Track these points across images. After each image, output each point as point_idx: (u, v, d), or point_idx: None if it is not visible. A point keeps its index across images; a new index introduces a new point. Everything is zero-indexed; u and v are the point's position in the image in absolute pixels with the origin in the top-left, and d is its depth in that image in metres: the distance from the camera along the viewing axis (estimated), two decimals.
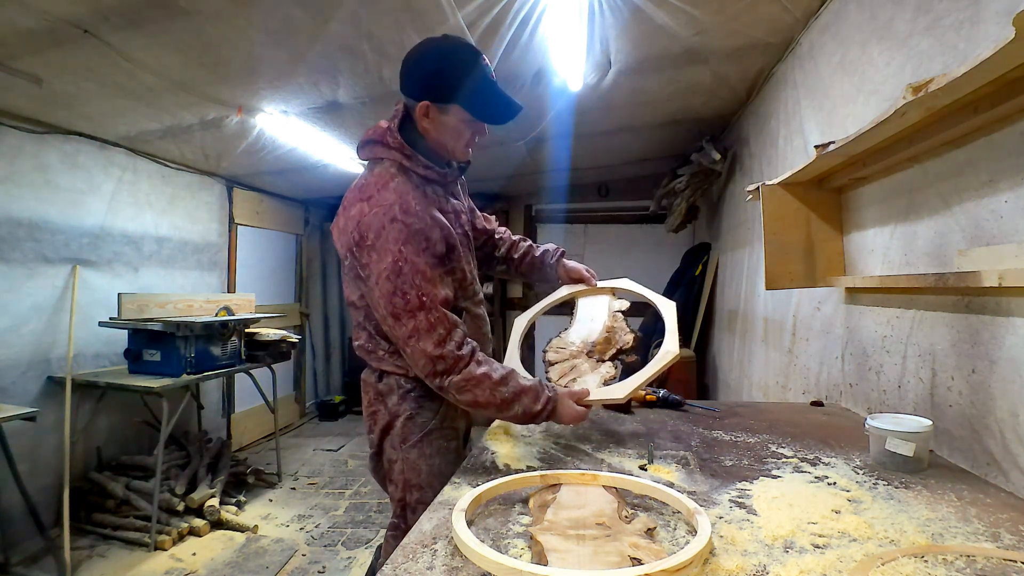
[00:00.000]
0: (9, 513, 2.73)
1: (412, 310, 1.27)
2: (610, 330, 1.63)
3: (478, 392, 1.30)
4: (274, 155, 3.65)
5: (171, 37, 2.15)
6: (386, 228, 1.27)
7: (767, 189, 1.90)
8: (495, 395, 1.31)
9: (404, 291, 1.27)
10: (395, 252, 1.26)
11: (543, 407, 1.35)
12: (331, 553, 2.95)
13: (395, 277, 1.26)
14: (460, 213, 1.52)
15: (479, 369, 1.31)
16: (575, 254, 6.08)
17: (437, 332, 1.28)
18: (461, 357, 1.30)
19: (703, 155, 3.81)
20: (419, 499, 1.41)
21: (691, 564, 0.78)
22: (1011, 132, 1.17)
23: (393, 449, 1.45)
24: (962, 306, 1.32)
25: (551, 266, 1.84)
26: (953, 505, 1.06)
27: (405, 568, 0.82)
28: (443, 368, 1.29)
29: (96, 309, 3.25)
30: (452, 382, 1.30)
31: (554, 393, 1.38)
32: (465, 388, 1.30)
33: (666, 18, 2.21)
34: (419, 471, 1.43)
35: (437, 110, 1.35)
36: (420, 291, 1.27)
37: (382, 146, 1.39)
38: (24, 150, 2.88)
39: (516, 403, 1.32)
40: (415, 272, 1.27)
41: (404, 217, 1.28)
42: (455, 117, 1.36)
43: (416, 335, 1.28)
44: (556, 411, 1.37)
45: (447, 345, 1.29)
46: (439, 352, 1.28)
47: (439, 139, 1.40)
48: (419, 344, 1.28)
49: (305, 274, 5.65)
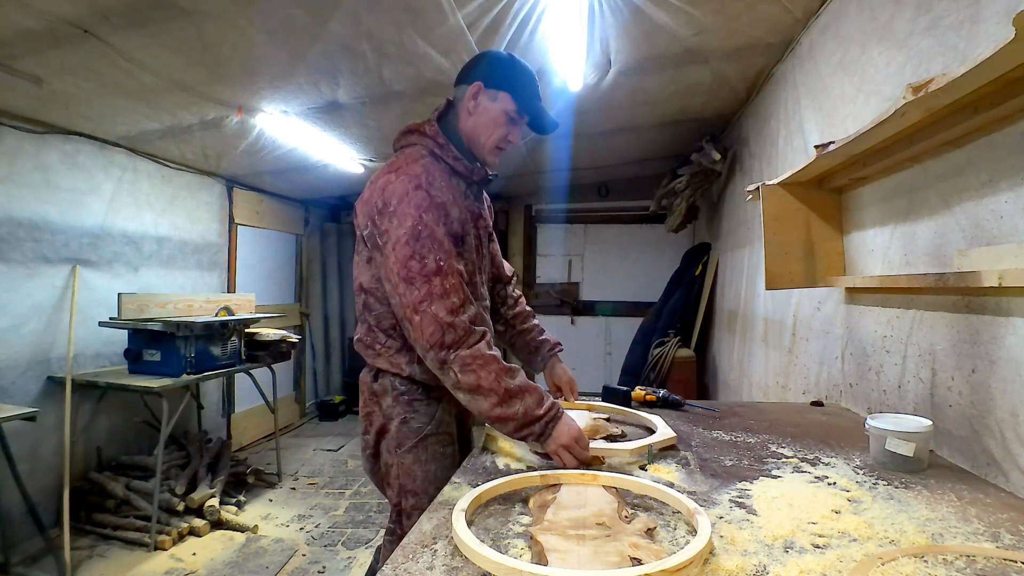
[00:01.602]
0: (9, 513, 2.73)
1: (428, 274, 1.24)
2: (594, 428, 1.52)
3: (483, 374, 1.21)
4: (274, 155, 3.65)
5: (171, 37, 2.15)
6: (410, 194, 1.28)
7: (767, 189, 1.90)
8: (500, 382, 1.22)
9: (422, 255, 1.25)
10: (415, 217, 1.26)
11: (546, 412, 1.24)
12: (331, 553, 2.95)
13: (414, 241, 1.25)
14: (479, 217, 1.51)
15: (490, 350, 1.24)
16: (575, 254, 6.09)
17: (451, 299, 1.24)
18: (473, 331, 1.25)
19: (703, 155, 3.81)
20: (415, 505, 1.39)
21: (691, 564, 0.78)
22: (1011, 132, 1.17)
23: (389, 453, 1.44)
24: (962, 306, 1.32)
25: (543, 357, 1.78)
26: (953, 505, 1.06)
27: (405, 568, 0.82)
28: (452, 339, 1.22)
29: (96, 309, 3.25)
30: (458, 356, 1.22)
31: (559, 404, 1.28)
32: (470, 367, 1.22)
33: (666, 18, 2.21)
34: (415, 477, 1.41)
35: (487, 94, 1.39)
36: (438, 257, 1.25)
37: (417, 134, 1.43)
38: (24, 150, 2.88)
39: (519, 399, 1.23)
40: (434, 239, 1.26)
41: (429, 188, 1.29)
42: (500, 105, 1.39)
43: (429, 299, 1.23)
44: (556, 425, 1.24)
45: (460, 315, 1.24)
46: (451, 320, 1.22)
47: (476, 125, 1.41)
48: (431, 308, 1.23)
49: (305, 274, 5.65)
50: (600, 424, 1.55)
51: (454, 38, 2.25)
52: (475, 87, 1.39)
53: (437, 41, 2.30)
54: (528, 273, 6.16)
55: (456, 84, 1.46)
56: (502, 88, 1.39)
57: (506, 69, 1.41)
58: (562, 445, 1.23)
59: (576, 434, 1.24)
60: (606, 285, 6.01)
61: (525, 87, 1.41)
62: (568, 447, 1.23)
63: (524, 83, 1.41)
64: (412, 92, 2.74)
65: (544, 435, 1.24)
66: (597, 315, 6.02)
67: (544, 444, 1.25)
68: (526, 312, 1.81)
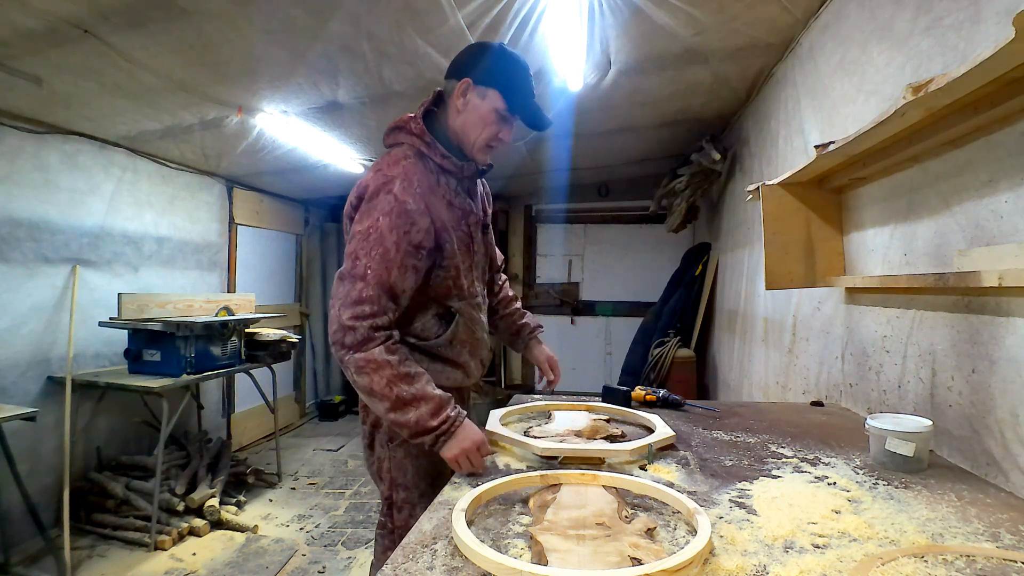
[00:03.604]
0: (9, 513, 2.73)
1: (354, 276, 1.26)
2: (594, 428, 1.51)
3: (375, 378, 1.23)
4: (274, 155, 3.65)
5: (171, 37, 2.15)
6: (379, 196, 1.29)
7: (767, 189, 1.90)
8: (392, 389, 1.22)
9: (358, 256, 1.26)
10: (373, 220, 1.27)
11: (439, 424, 1.22)
12: (331, 553, 2.95)
13: (361, 240, 1.27)
14: (469, 214, 1.48)
15: (384, 356, 1.24)
16: (575, 254, 6.09)
17: (362, 307, 1.25)
18: (372, 338, 1.25)
19: (703, 155, 3.81)
20: (405, 499, 1.42)
21: (691, 564, 0.78)
22: (1011, 132, 1.17)
23: (381, 447, 1.46)
24: (962, 306, 1.32)
25: (523, 340, 1.85)
26: (953, 505, 1.06)
27: (405, 568, 0.82)
28: (350, 341, 1.24)
29: (96, 309, 3.25)
30: (354, 358, 1.24)
31: (459, 416, 1.26)
32: (364, 369, 1.23)
33: (666, 18, 2.21)
34: (405, 470, 1.43)
35: (475, 91, 1.36)
36: (369, 264, 1.25)
37: (404, 132, 1.41)
38: (24, 150, 2.88)
39: (413, 408, 1.22)
40: (379, 246, 1.26)
41: (399, 193, 1.28)
42: (489, 103, 1.36)
43: (344, 300, 1.26)
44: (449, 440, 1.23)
45: (364, 322, 1.24)
46: (352, 324, 1.24)
47: (465, 124, 1.39)
48: (338, 310, 1.25)
49: (305, 274, 5.65)
50: (600, 425, 1.55)
51: (454, 38, 2.25)
52: (464, 84, 1.35)
53: (437, 41, 2.30)
54: (528, 273, 6.16)
55: (446, 77, 1.42)
56: (492, 85, 1.35)
57: (496, 64, 1.36)
58: (451, 456, 1.23)
59: (469, 446, 1.23)
60: (606, 285, 6.02)
61: (516, 84, 1.37)
62: (457, 458, 1.22)
63: (515, 79, 1.37)
64: (412, 92, 2.74)
65: (436, 446, 1.24)
66: (597, 315, 6.02)
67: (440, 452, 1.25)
68: (508, 298, 1.85)
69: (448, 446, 1.23)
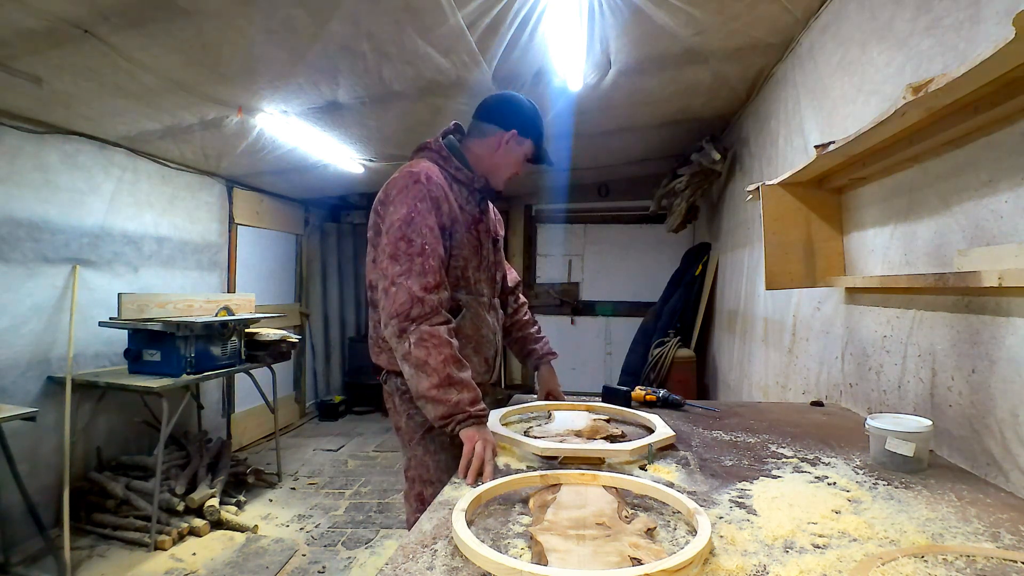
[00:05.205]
0: (9, 513, 2.73)
1: (412, 254, 1.38)
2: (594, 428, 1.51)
3: (434, 353, 1.31)
4: (274, 155, 3.65)
5: (171, 37, 2.15)
6: (408, 187, 1.44)
7: (767, 189, 1.90)
8: (446, 367, 1.31)
9: (411, 237, 1.39)
10: (411, 205, 1.42)
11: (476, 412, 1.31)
12: (331, 553, 2.95)
13: (406, 225, 1.39)
14: (479, 222, 1.63)
15: (448, 337, 1.35)
16: (575, 254, 6.09)
17: (428, 278, 1.36)
18: (438, 312, 1.36)
19: (703, 155, 3.81)
20: (434, 493, 1.44)
21: (691, 564, 0.78)
22: (1011, 132, 1.17)
23: (405, 448, 1.57)
24: (962, 306, 1.32)
25: (532, 362, 1.96)
26: (953, 505, 1.06)
27: (405, 568, 0.82)
28: (418, 313, 1.34)
29: (96, 309, 3.25)
30: (419, 329, 1.32)
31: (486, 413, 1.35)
32: (426, 343, 1.31)
33: (666, 18, 2.21)
34: (428, 467, 1.53)
35: (517, 141, 1.60)
36: (425, 240, 1.39)
37: (427, 150, 1.61)
38: (24, 150, 2.88)
39: (456, 390, 1.32)
40: (425, 225, 1.41)
41: (426, 182, 1.45)
42: (523, 150, 1.62)
43: (408, 274, 1.36)
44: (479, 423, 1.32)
45: (432, 293, 1.36)
46: (423, 295, 1.34)
47: (500, 163, 1.61)
48: (407, 281, 1.35)
49: (305, 274, 5.65)
50: (600, 425, 1.55)
51: (454, 38, 2.25)
52: (511, 134, 1.58)
53: (437, 41, 2.30)
54: (528, 273, 6.16)
55: (482, 119, 1.61)
56: (529, 136, 1.61)
57: (535, 121, 1.63)
58: (469, 435, 1.28)
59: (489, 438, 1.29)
60: (606, 285, 6.01)
61: (541, 137, 1.64)
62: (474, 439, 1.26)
63: (543, 133, 1.65)
64: (412, 92, 2.74)
65: (463, 426, 1.31)
66: (597, 315, 6.02)
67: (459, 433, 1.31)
68: (523, 321, 1.97)
69: (470, 430, 1.30)
